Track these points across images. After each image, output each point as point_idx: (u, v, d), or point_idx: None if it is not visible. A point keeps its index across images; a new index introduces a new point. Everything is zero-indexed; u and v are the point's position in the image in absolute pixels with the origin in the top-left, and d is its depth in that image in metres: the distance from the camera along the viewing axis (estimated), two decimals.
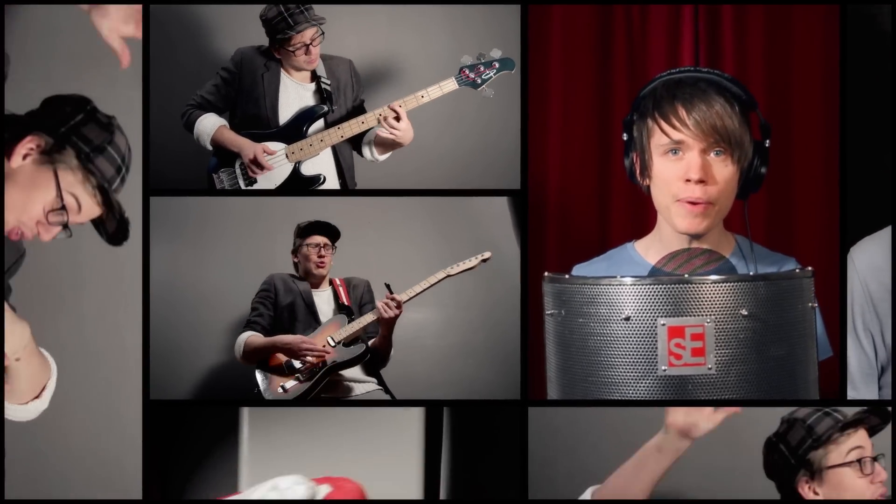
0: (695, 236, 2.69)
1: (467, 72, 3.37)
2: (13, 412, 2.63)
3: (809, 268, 2.52)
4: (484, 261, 3.65)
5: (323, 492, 2.45)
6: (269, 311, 3.64)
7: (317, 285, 3.73)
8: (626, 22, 3.50)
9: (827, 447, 2.70)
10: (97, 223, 2.63)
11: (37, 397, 2.66)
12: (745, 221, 2.70)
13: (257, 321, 3.62)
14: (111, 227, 2.61)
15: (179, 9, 3.66)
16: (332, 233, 3.72)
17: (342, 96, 3.49)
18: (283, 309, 3.65)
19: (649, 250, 2.78)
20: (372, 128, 3.43)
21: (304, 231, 3.72)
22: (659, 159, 2.65)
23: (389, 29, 3.76)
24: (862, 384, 2.95)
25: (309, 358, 3.51)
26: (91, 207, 2.57)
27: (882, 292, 2.90)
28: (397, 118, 3.36)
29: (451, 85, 3.38)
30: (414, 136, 3.42)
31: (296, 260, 3.75)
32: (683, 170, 2.61)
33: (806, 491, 2.71)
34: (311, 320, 3.65)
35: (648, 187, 2.71)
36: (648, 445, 2.59)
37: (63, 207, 2.52)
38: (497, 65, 3.37)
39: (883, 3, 3.21)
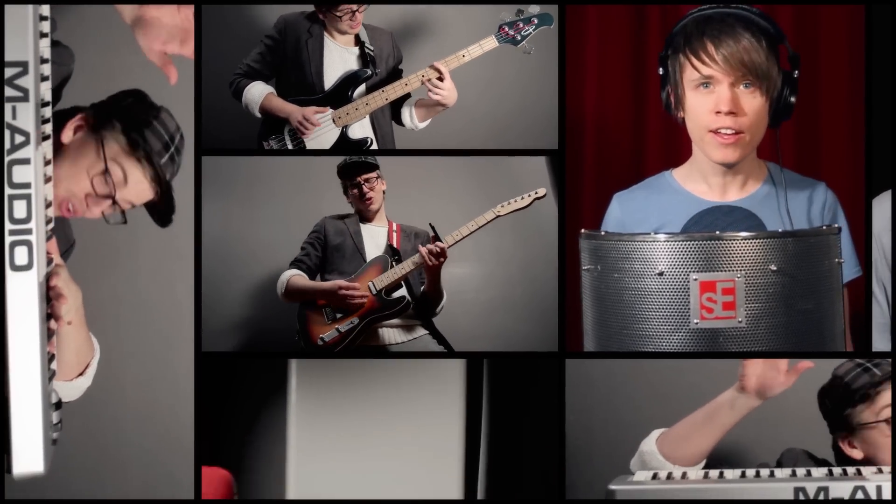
0: (728, 166, 2.78)
1: (507, 29, 3.37)
2: (59, 390, 2.60)
3: (836, 225, 2.58)
4: (538, 198, 3.58)
5: None
6: (316, 252, 3.64)
7: (371, 219, 3.70)
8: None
9: (862, 404, 2.69)
10: (150, 207, 2.68)
11: (81, 374, 2.66)
12: (777, 149, 2.79)
13: (303, 261, 3.62)
14: (162, 204, 2.66)
15: None
16: (369, 167, 3.64)
17: (384, 64, 3.49)
18: (332, 249, 3.63)
19: (687, 178, 2.88)
20: (410, 93, 3.44)
21: (342, 173, 3.67)
22: (691, 93, 2.75)
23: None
24: (877, 333, 2.98)
25: (352, 302, 3.52)
26: (139, 182, 2.62)
27: None
28: (440, 78, 3.36)
29: (491, 43, 3.38)
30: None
31: (349, 200, 3.71)
32: (714, 102, 2.71)
33: (847, 448, 2.72)
34: (359, 258, 3.63)
35: (683, 119, 2.80)
36: (721, 400, 2.63)
37: (107, 171, 2.57)
38: (536, 20, 3.36)
39: None
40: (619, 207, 2.94)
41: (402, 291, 3.63)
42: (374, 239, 3.70)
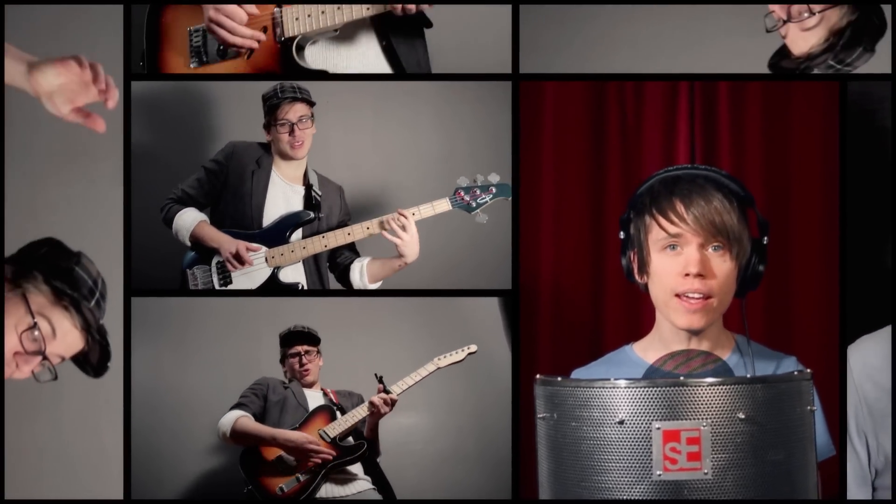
0: (694, 332, 2.67)
1: (462, 194, 3.37)
2: None
3: (808, 370, 2.49)
4: (470, 353, 3.63)
5: None
6: (259, 401, 3.60)
7: (307, 387, 3.71)
8: (620, 120, 3.49)
9: None
10: (81, 359, 2.57)
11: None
12: (744, 320, 2.70)
13: (247, 404, 3.58)
14: (94, 356, 2.55)
15: (162, 109, 3.67)
16: (311, 340, 3.71)
17: (328, 212, 3.47)
18: (272, 403, 3.60)
19: (648, 351, 2.76)
20: (354, 251, 3.45)
21: (285, 340, 3.72)
22: (657, 255, 2.65)
23: (376, 141, 3.81)
24: (855, 487, 2.90)
25: (314, 459, 3.47)
26: (69, 332, 2.52)
27: (878, 392, 2.85)
28: (403, 227, 3.32)
29: (444, 205, 3.38)
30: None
31: (284, 368, 3.73)
32: (682, 264, 2.61)
33: None
34: (301, 411, 3.61)
35: (646, 285, 2.71)
36: None
37: (35, 326, 2.46)
38: (494, 190, 3.37)
39: (882, 79, 3.19)
40: None
41: (350, 439, 3.60)
42: (314, 399, 3.69)
